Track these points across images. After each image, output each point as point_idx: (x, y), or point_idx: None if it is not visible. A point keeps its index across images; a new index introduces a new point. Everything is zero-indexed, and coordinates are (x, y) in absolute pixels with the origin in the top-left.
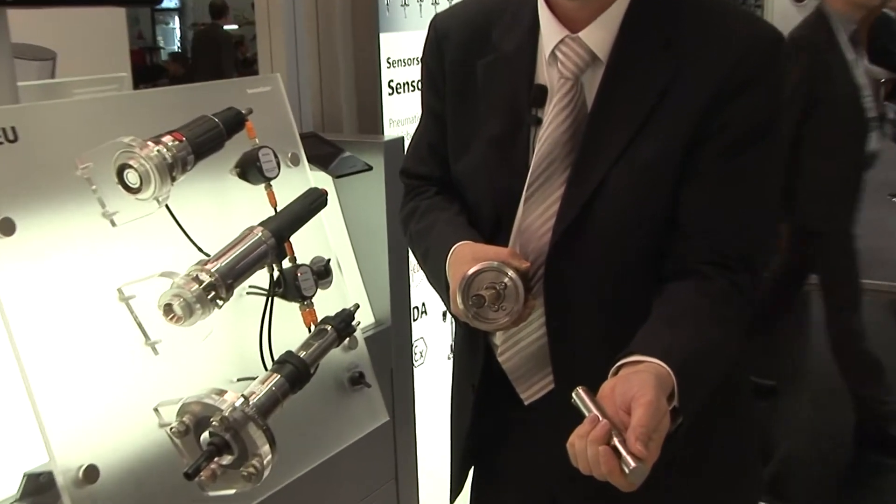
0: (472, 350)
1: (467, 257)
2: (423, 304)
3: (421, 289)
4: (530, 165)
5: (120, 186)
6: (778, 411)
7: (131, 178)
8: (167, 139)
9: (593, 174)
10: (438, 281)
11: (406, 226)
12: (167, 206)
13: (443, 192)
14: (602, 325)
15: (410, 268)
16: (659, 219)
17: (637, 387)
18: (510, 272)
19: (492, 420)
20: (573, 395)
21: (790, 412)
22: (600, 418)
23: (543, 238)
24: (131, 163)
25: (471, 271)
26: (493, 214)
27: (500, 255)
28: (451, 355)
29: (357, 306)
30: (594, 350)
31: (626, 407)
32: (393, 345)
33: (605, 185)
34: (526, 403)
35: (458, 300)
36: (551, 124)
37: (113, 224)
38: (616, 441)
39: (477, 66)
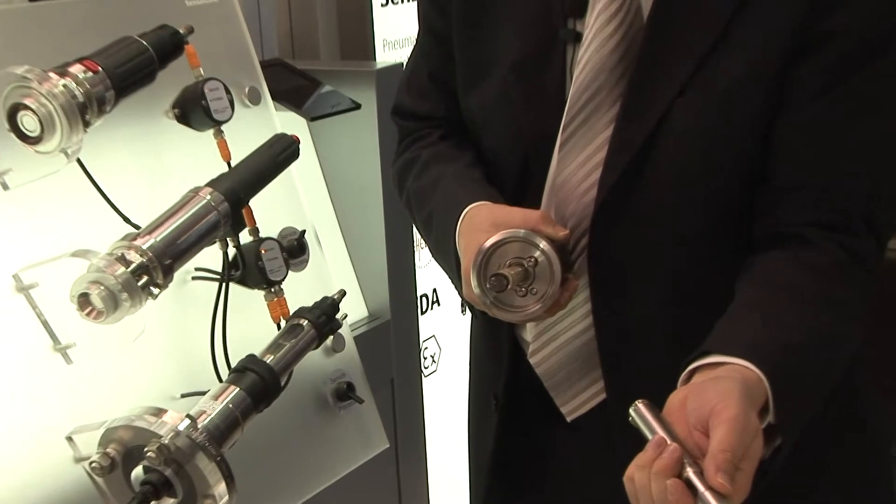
0: (493, 350)
1: (484, 224)
2: (435, 292)
3: (431, 270)
4: (567, 97)
5: (13, 135)
6: None
7: (28, 123)
8: (77, 69)
9: (652, 107)
10: (446, 256)
11: (401, 183)
12: (79, 161)
13: (450, 136)
14: (668, 312)
15: (416, 241)
16: (742, 167)
17: (716, 398)
18: (542, 243)
19: (521, 444)
20: (631, 410)
21: None
22: (668, 441)
23: (586, 196)
24: (27, 102)
25: (489, 242)
26: (518, 166)
27: (528, 219)
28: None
29: (343, 293)
30: (659, 347)
31: (703, 426)
32: (394, 346)
33: (669, 121)
34: (568, 420)
35: (473, 282)
36: (594, 41)
37: (5, 187)
38: (690, 472)
39: None
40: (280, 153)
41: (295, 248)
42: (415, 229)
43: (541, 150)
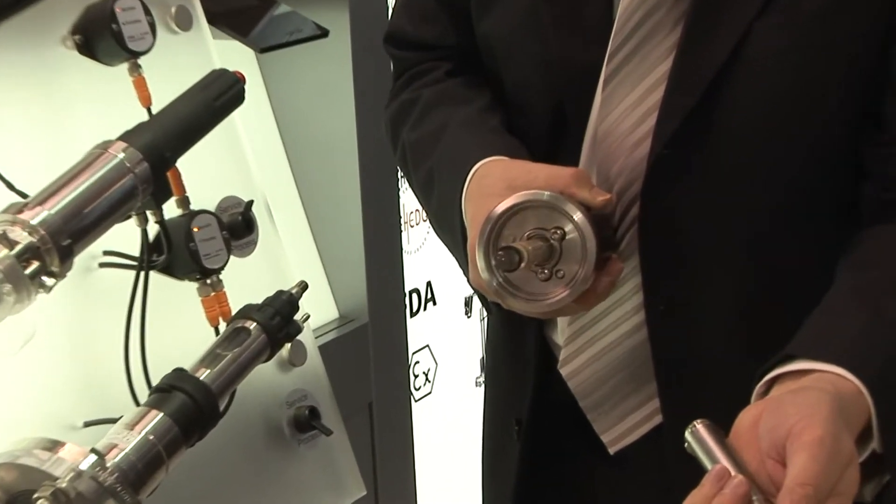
0: (516, 358)
1: (498, 185)
2: (429, 286)
3: (425, 256)
4: (614, 21)
5: None
6: None
7: None
8: None
9: (725, 32)
10: (450, 229)
11: (395, 133)
12: None
13: (461, 72)
14: (746, 307)
15: (404, 217)
16: (844, 109)
17: (797, 416)
18: (573, 210)
19: (550, 481)
20: (687, 433)
21: None
22: (733, 472)
23: (638, 150)
24: None
25: (501, 208)
26: (550, 111)
27: (555, 179)
28: (480, 374)
29: (305, 286)
30: (732, 354)
31: (780, 452)
32: (373, 358)
33: (746, 49)
34: (611, 452)
35: (480, 260)
36: None
37: None
38: None
39: None
40: (218, 96)
41: (239, 225)
42: (402, 199)
43: (579, 89)
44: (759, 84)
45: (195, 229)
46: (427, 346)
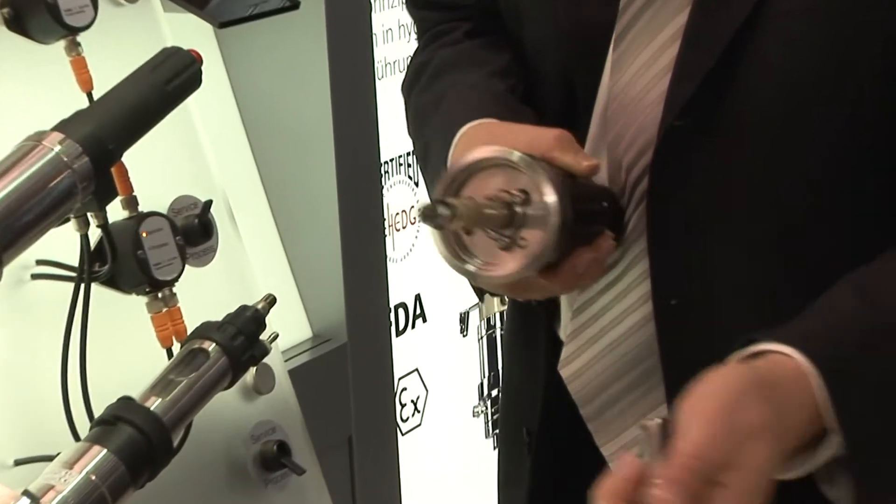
0: (528, 360)
1: (478, 146)
2: (418, 300)
3: (413, 265)
4: None
5: None
6: None
7: None
8: None
9: None
10: None
11: (407, 97)
12: None
13: (481, 33)
14: (769, 304)
15: (388, 219)
16: (890, 74)
17: (697, 392)
18: (541, 173)
19: (563, 488)
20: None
21: None
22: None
23: (649, 116)
24: None
25: (464, 162)
26: (560, 74)
27: (537, 140)
28: (479, 403)
29: (273, 300)
30: None
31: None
32: (353, 385)
33: (770, 4)
34: (611, 465)
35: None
36: None
37: None
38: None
39: None
40: (171, 79)
41: (195, 230)
42: (386, 199)
43: (590, 48)
44: (787, 41)
45: (144, 234)
46: (416, 370)
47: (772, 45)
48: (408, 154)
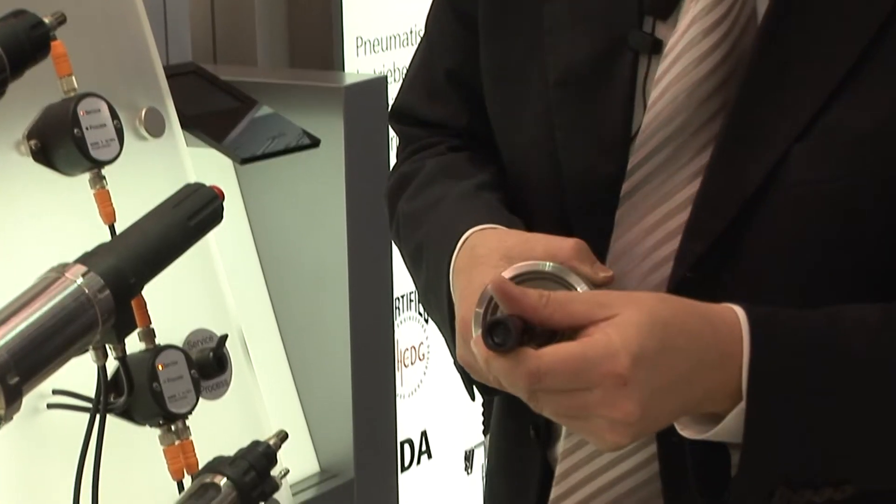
0: (517, 477)
1: (492, 256)
2: (424, 437)
3: (417, 403)
4: (634, 132)
5: None
6: None
7: None
8: None
9: (761, 156)
10: (439, 301)
11: (392, 205)
12: None
13: (467, 147)
14: None
15: (398, 355)
16: (889, 238)
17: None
18: (580, 283)
19: None
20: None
21: None
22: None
23: (656, 273)
24: None
25: (501, 278)
26: (560, 221)
27: (556, 250)
28: None
29: (285, 436)
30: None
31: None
32: None
33: (783, 172)
34: None
35: (473, 331)
36: (684, 56)
37: None
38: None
39: None
40: (193, 215)
41: (210, 364)
42: (397, 335)
43: (594, 203)
44: (793, 212)
45: (160, 367)
46: None
47: (780, 213)
48: None
